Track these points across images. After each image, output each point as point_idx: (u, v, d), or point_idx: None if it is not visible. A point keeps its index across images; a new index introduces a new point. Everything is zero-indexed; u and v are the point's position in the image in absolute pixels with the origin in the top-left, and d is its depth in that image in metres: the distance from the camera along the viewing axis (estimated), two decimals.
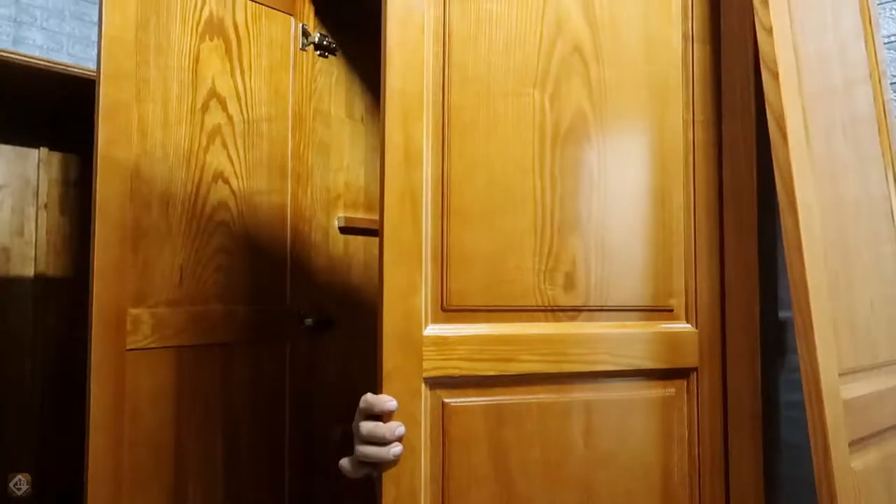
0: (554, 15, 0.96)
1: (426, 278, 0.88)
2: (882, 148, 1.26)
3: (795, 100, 0.88)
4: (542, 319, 0.93)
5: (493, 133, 0.93)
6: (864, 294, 0.97)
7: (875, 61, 1.28)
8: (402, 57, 0.88)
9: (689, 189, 0.99)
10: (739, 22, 0.96)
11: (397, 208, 0.87)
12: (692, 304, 0.98)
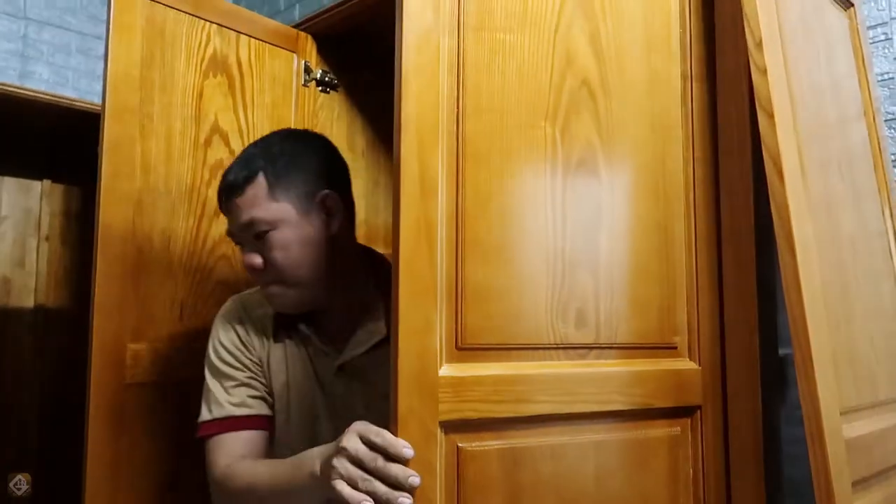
0: (564, 46, 0.94)
1: (441, 315, 0.82)
2: (878, 184, 1.27)
3: (791, 138, 0.89)
4: (554, 358, 0.90)
5: (507, 165, 0.90)
6: (863, 331, 0.97)
7: (869, 98, 1.30)
8: (419, 83, 0.83)
9: (691, 225, 1.00)
10: (734, 62, 0.98)
11: (413, 240, 0.81)
12: (695, 341, 0.98)
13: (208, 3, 1.49)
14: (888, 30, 1.41)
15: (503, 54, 0.91)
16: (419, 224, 0.82)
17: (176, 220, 1.40)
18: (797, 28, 1.06)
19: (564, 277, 0.91)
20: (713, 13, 1.01)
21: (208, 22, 1.48)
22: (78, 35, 2.92)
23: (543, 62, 0.93)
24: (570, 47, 0.94)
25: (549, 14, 0.94)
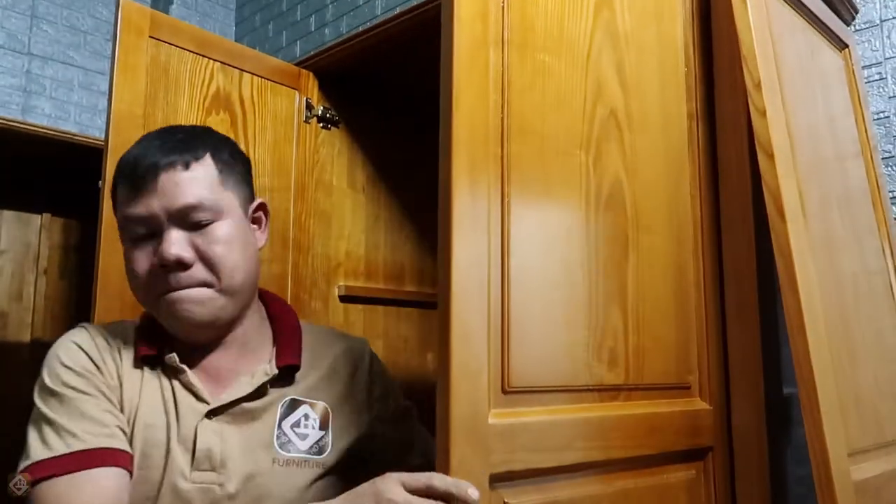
0: (595, 73, 0.92)
1: (490, 357, 0.74)
2: (877, 222, 1.28)
3: (791, 179, 0.90)
4: (589, 400, 0.84)
5: (548, 194, 0.84)
6: (867, 370, 0.96)
7: (866, 137, 1.31)
8: (469, 100, 0.75)
9: (700, 264, 1.00)
10: (733, 102, 0.99)
11: (465, 276, 0.72)
12: (706, 380, 0.97)
13: (212, 41, 1.51)
14: (882, 69, 1.43)
15: (544, 76, 0.86)
16: (470, 255, 0.74)
17: None
18: (794, 69, 1.08)
19: (599, 314, 0.86)
20: (711, 55, 1.03)
21: (212, 60, 1.50)
22: (81, 70, 2.95)
23: (578, 88, 0.89)
24: (600, 76, 0.92)
25: (581, 39, 0.91)
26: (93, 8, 3.02)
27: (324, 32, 2.78)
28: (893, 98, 1.41)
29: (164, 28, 1.41)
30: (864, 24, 1.46)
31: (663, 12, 1.04)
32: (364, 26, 2.60)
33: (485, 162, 0.76)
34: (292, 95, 1.68)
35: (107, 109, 1.32)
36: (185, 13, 3.08)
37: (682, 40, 1.05)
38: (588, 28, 0.92)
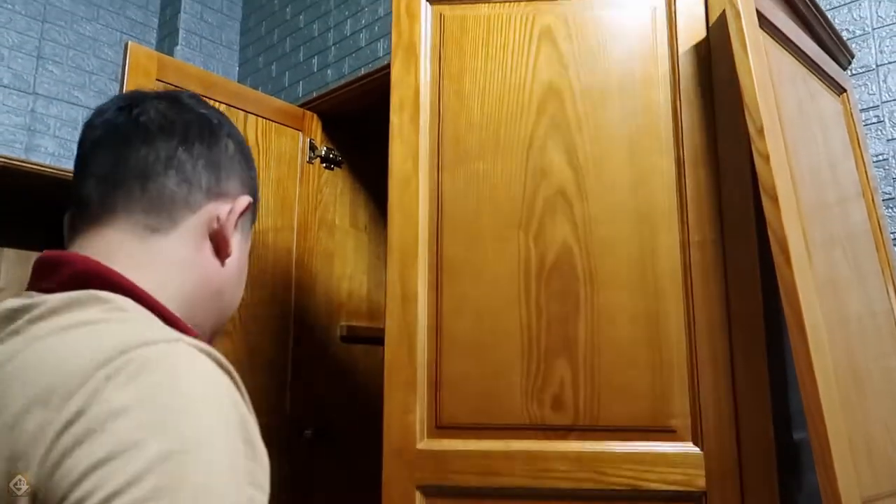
0: (538, 165, 1.08)
1: (422, 400, 1.03)
2: (881, 264, 1.28)
3: (795, 222, 0.91)
4: (530, 437, 1.01)
5: (482, 273, 1.06)
6: (877, 415, 0.95)
7: (866, 179, 1.33)
8: (400, 218, 1.08)
9: (687, 312, 1.00)
10: (736, 148, 1.00)
11: (395, 342, 1.05)
12: (697, 425, 0.97)
13: (218, 83, 1.53)
14: (880, 112, 1.45)
15: (477, 181, 1.09)
16: (401, 328, 1.05)
17: None
18: (794, 113, 1.09)
19: (540, 365, 1.03)
20: (713, 102, 1.04)
21: (217, 102, 1.52)
22: (85, 110, 2.98)
23: (517, 181, 1.08)
24: (544, 164, 1.08)
25: (521, 138, 1.09)
26: (98, 49, 3.06)
27: (326, 73, 2.82)
28: (892, 141, 1.43)
29: (170, 71, 1.43)
30: (860, 68, 1.48)
31: (634, 84, 1.10)
32: (366, 67, 2.64)
33: (415, 260, 1.07)
34: (296, 136, 1.70)
35: None
36: (189, 54, 3.12)
37: (663, 94, 1.08)
38: (529, 127, 1.10)
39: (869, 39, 1.48)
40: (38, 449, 0.45)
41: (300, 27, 3.01)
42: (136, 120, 0.63)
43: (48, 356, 0.48)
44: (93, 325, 0.50)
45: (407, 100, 1.13)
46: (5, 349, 0.50)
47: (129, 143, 0.62)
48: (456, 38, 1.15)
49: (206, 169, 0.64)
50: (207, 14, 3.24)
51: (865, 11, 1.49)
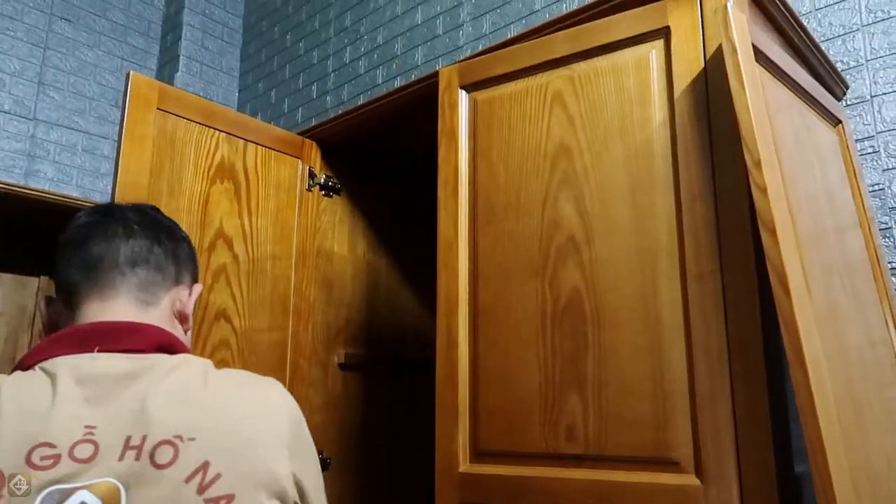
0: (552, 218, 1.19)
1: (463, 430, 1.21)
2: (879, 293, 1.28)
3: (794, 255, 0.91)
4: (548, 465, 1.11)
5: (508, 317, 1.19)
6: (879, 448, 0.95)
7: (863, 209, 1.33)
8: (446, 273, 1.28)
9: (688, 342, 1.00)
10: (734, 180, 1.01)
11: (443, 380, 1.24)
12: (700, 457, 0.96)
13: (218, 113, 1.54)
14: (875, 143, 1.46)
15: (503, 237, 1.24)
16: (446, 368, 1.25)
17: None
18: (791, 145, 1.10)
19: (556, 399, 1.12)
20: (710, 136, 1.05)
21: (217, 130, 1.53)
22: (85, 135, 2.99)
23: (534, 233, 1.20)
24: (557, 215, 1.18)
25: (538, 195, 1.20)
26: (99, 75, 3.08)
27: (325, 100, 2.84)
28: (887, 171, 1.44)
29: (171, 100, 1.44)
30: (855, 99, 1.50)
31: (633, 126, 1.13)
32: (365, 95, 2.66)
33: (456, 308, 1.26)
34: (295, 164, 1.71)
35: (113, 179, 1.33)
36: (189, 80, 3.15)
37: (661, 133, 1.10)
38: (545, 183, 1.20)
39: (863, 71, 1.50)
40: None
41: (300, 54, 3.04)
42: (119, 221, 0.82)
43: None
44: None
45: (449, 177, 1.32)
46: (141, 387, 0.69)
47: (116, 237, 0.81)
48: (486, 118, 1.31)
49: (172, 261, 0.84)
50: (208, 41, 3.27)
51: (859, 43, 1.51)
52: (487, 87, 1.32)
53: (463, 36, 2.35)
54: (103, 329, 0.74)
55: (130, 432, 0.65)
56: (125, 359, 0.72)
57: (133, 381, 0.69)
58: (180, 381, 0.71)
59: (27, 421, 0.65)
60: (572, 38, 1.22)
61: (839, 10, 1.55)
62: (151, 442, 0.64)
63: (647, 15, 1.15)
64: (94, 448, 0.64)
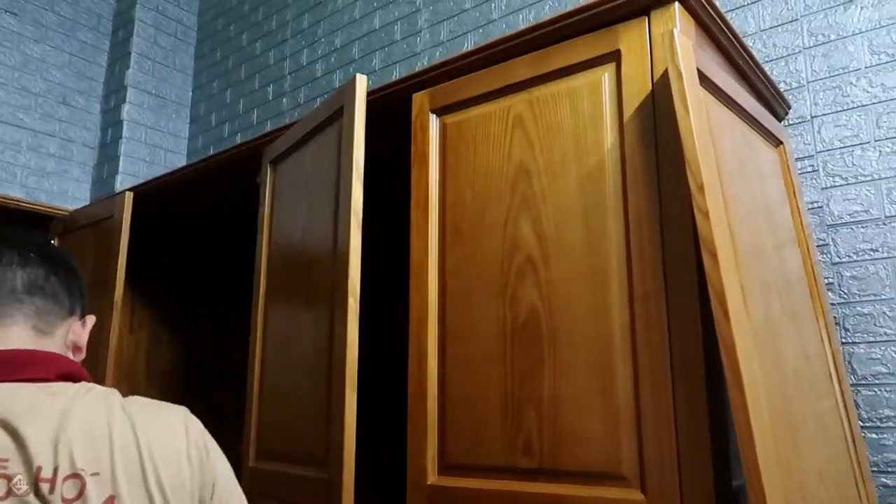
0: (512, 239, 1.21)
1: (432, 444, 1.23)
2: (815, 307, 1.34)
3: (734, 278, 0.94)
4: (508, 478, 1.13)
5: (473, 335, 1.23)
6: (811, 464, 0.99)
7: (801, 226, 1.39)
8: (417, 294, 1.31)
9: (635, 360, 1.03)
10: (678, 203, 1.04)
11: (414, 396, 1.27)
12: (645, 473, 0.99)
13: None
14: (814, 162, 1.52)
15: (469, 258, 1.27)
16: (417, 384, 1.27)
17: None
18: (734, 168, 1.14)
19: (514, 415, 1.15)
20: (657, 160, 1.08)
21: None
22: (30, 132, 2.90)
23: (496, 254, 1.22)
24: (516, 235, 1.21)
25: (500, 217, 1.23)
26: (46, 71, 2.99)
27: (281, 102, 2.82)
28: (826, 189, 1.50)
29: None
30: (797, 119, 1.56)
31: (587, 148, 1.16)
32: (322, 98, 2.64)
33: (426, 329, 1.28)
34: None
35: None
36: (141, 77, 3.08)
37: (612, 156, 1.14)
38: (506, 204, 1.23)
39: (804, 92, 1.56)
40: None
41: (256, 55, 3.00)
42: (14, 248, 0.80)
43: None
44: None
45: (421, 199, 1.35)
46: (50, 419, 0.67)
47: (12, 264, 0.78)
48: (454, 141, 1.34)
49: (66, 292, 0.82)
50: (161, 38, 3.21)
51: (801, 65, 1.57)
52: (456, 111, 1.35)
53: (420, 42, 2.36)
54: (6, 358, 0.72)
55: (41, 463, 0.63)
56: (33, 387, 0.70)
57: (40, 412, 0.67)
58: (87, 412, 0.69)
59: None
60: (532, 62, 1.25)
61: (783, 32, 1.61)
62: (62, 475, 0.63)
63: (600, 38, 1.18)
64: (6, 483, 0.62)
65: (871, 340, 1.39)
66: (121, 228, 2.01)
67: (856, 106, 1.49)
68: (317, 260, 1.39)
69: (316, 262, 1.40)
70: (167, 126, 3.14)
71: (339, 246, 1.29)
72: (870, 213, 1.44)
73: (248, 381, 1.57)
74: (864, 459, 1.28)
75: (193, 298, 2.68)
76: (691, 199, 0.97)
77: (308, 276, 1.42)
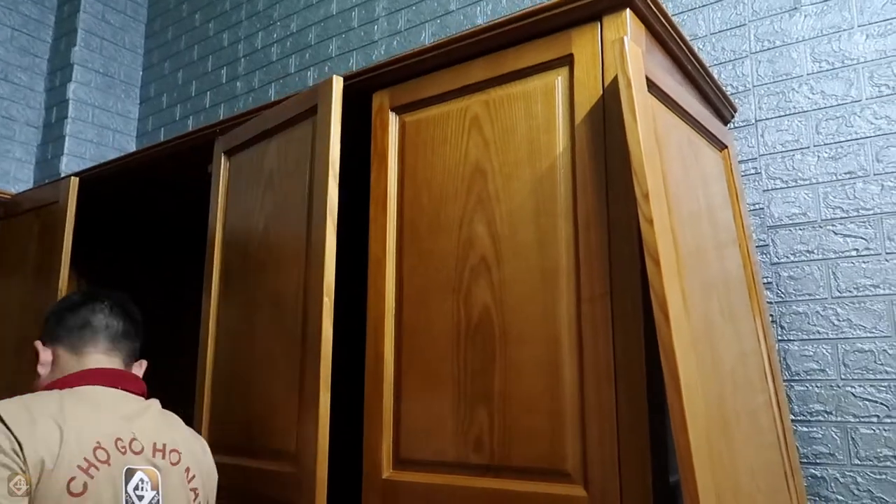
0: (467, 238, 1.24)
1: (387, 439, 1.26)
2: (752, 304, 1.39)
3: (675, 284, 0.98)
4: (461, 473, 1.17)
5: (429, 332, 1.25)
6: (744, 462, 1.04)
7: (742, 227, 1.44)
8: (374, 292, 1.33)
9: (581, 360, 1.07)
10: (625, 209, 1.07)
11: (370, 391, 1.29)
12: (588, 469, 1.03)
13: None
14: (757, 164, 1.57)
15: (426, 255, 1.28)
16: (374, 380, 1.30)
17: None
18: (679, 174, 1.17)
19: (466, 411, 1.18)
20: (606, 165, 1.10)
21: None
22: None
23: (452, 253, 1.25)
24: (472, 234, 1.24)
25: (456, 216, 1.26)
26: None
27: (235, 85, 2.77)
28: (767, 191, 1.55)
29: None
30: (742, 122, 1.61)
31: (540, 151, 1.18)
32: (277, 84, 2.60)
33: (383, 326, 1.31)
34: None
35: None
36: (88, 55, 2.98)
37: (563, 160, 1.16)
38: (462, 204, 1.26)
39: (750, 96, 1.61)
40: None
41: (209, 35, 2.93)
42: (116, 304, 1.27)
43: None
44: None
45: (379, 196, 1.36)
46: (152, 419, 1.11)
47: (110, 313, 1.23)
48: (412, 139, 1.35)
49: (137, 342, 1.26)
50: (110, 15, 3.10)
51: (748, 69, 1.62)
52: (415, 110, 1.36)
53: (378, 31, 2.34)
54: (118, 376, 1.15)
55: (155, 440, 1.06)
56: (135, 401, 1.12)
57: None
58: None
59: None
60: (489, 63, 1.27)
61: (731, 37, 1.66)
62: (168, 448, 1.07)
63: (554, 42, 1.19)
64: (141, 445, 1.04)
65: (805, 338, 1.46)
66: (66, 214, 1.95)
67: (797, 111, 1.54)
68: (284, 255, 1.39)
69: (283, 258, 1.39)
70: (115, 106, 3.06)
71: (314, 245, 1.29)
72: (807, 216, 1.50)
73: (197, 374, 1.56)
74: (793, 452, 1.34)
75: (143, 286, 2.63)
76: (637, 205, 1.00)
77: (275, 271, 1.41)
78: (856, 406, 1.39)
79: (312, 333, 1.25)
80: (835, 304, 1.44)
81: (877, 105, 1.46)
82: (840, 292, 1.44)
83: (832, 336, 1.43)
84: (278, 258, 1.41)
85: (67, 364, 1.13)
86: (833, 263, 1.45)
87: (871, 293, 1.41)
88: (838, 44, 1.52)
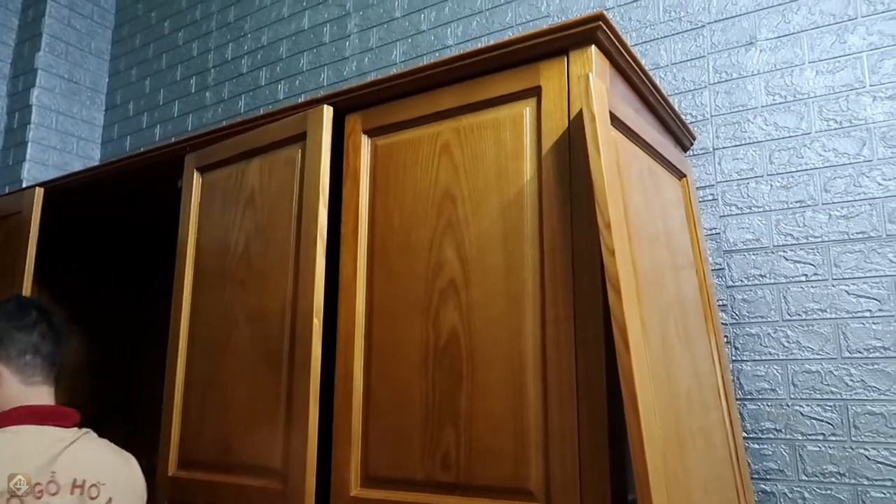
0: (437, 261, 1.27)
1: (356, 456, 1.29)
2: (707, 327, 1.46)
3: (635, 312, 1.03)
4: (429, 491, 1.20)
5: (398, 353, 1.28)
6: (697, 479, 1.10)
7: (699, 251, 1.51)
8: (345, 311, 1.36)
9: (545, 382, 1.11)
10: (588, 236, 1.12)
11: (340, 409, 1.32)
12: (550, 488, 1.07)
13: None
14: (714, 191, 1.65)
15: (396, 276, 1.32)
16: (343, 397, 1.32)
17: None
18: (639, 200, 1.23)
19: (434, 430, 1.22)
20: (571, 194, 1.15)
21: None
22: None
23: (421, 275, 1.29)
24: (441, 259, 1.27)
25: (425, 239, 1.29)
26: None
27: (204, 96, 2.76)
28: (723, 217, 1.63)
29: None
30: (700, 150, 1.68)
31: (508, 178, 1.23)
32: (247, 96, 2.61)
33: (353, 345, 1.34)
34: None
35: None
36: (53, 60, 2.94)
37: (531, 187, 1.21)
38: (431, 227, 1.29)
39: (708, 125, 1.68)
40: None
41: (178, 45, 2.92)
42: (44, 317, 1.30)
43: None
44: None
45: (350, 217, 1.39)
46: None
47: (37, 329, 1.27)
48: (384, 162, 1.39)
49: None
50: (76, 20, 3.07)
51: (706, 99, 1.70)
52: (387, 134, 1.40)
53: (349, 47, 2.37)
54: (52, 412, 1.19)
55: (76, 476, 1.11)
56: (64, 431, 1.16)
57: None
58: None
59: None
60: (460, 92, 1.31)
61: (691, 68, 1.73)
62: (88, 483, 1.11)
63: (523, 74, 1.24)
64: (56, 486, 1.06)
65: (757, 359, 1.53)
66: (30, 225, 1.93)
67: (752, 142, 1.62)
68: (268, 273, 1.42)
69: (267, 276, 1.42)
70: (80, 113, 3.02)
71: (303, 267, 1.35)
72: (760, 242, 1.57)
73: (165, 387, 1.56)
74: (745, 468, 1.41)
75: (108, 299, 2.60)
76: (599, 234, 1.05)
77: (258, 289, 1.43)
78: (804, 424, 1.46)
79: (302, 352, 1.30)
80: (785, 327, 1.51)
81: (825, 138, 1.54)
82: (790, 315, 1.51)
83: (782, 357, 1.51)
84: (261, 276, 1.43)
85: (12, 393, 1.16)
86: (784, 288, 1.53)
87: (819, 317, 1.48)
88: (791, 78, 1.60)
